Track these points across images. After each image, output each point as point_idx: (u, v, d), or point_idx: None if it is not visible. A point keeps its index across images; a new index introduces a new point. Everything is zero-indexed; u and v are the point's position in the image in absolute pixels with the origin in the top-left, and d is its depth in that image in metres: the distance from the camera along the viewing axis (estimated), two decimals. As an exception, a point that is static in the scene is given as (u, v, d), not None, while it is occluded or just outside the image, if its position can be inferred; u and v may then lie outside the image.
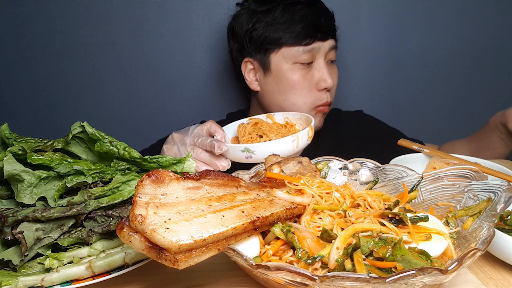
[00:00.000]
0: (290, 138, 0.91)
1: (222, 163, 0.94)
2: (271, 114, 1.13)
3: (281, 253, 0.56)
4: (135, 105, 1.60)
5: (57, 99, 1.56)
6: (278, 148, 0.90)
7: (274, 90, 1.27)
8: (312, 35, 1.19)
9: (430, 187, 0.72)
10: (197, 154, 0.95)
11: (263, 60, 1.25)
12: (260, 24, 1.22)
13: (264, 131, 1.04)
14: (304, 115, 1.09)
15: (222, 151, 0.91)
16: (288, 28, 1.19)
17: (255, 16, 1.23)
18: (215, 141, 0.92)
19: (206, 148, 0.94)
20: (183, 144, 0.99)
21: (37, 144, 0.67)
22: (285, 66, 1.23)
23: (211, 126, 0.99)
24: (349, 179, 0.81)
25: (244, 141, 1.03)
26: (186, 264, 0.47)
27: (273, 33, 1.21)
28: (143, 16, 1.50)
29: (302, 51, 1.20)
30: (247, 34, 1.25)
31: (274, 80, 1.26)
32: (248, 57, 1.29)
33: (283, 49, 1.21)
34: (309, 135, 0.96)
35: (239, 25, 1.28)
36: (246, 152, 0.91)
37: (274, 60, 1.24)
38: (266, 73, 1.27)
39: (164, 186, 0.53)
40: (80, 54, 1.52)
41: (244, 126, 1.08)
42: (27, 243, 0.58)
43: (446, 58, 1.65)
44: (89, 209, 0.63)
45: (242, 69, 1.32)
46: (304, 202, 0.61)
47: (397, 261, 0.50)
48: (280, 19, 1.20)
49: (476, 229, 0.57)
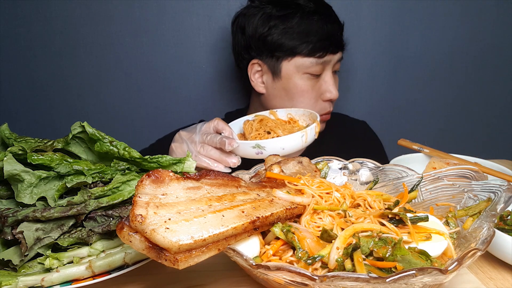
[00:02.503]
0: (299, 134, 0.93)
1: (232, 160, 0.94)
2: (273, 110, 1.14)
3: (281, 253, 0.56)
4: (135, 105, 1.60)
5: (57, 99, 1.56)
6: (288, 144, 0.92)
7: (282, 96, 1.27)
8: (326, 48, 1.19)
9: (430, 187, 0.72)
10: (207, 152, 0.96)
11: (274, 65, 1.24)
12: (276, 30, 1.20)
13: (271, 127, 1.05)
14: (307, 111, 1.11)
15: (232, 147, 0.91)
16: (304, 38, 1.18)
17: (272, 20, 1.21)
18: (225, 138, 0.92)
19: (216, 145, 0.94)
20: (192, 141, 0.99)
21: (37, 144, 0.67)
22: (296, 75, 1.23)
23: (218, 123, 0.99)
24: (349, 179, 0.81)
25: (252, 137, 1.04)
26: (186, 264, 0.47)
27: (289, 41, 1.19)
28: (143, 16, 1.50)
29: (315, 63, 1.20)
30: (261, 37, 1.23)
31: (283, 86, 1.25)
32: (257, 59, 1.27)
33: (296, 58, 1.20)
34: (316, 130, 0.98)
35: (252, 25, 1.25)
36: (257, 148, 0.93)
37: (285, 68, 1.23)
38: (275, 78, 1.26)
39: (164, 186, 0.53)
40: (80, 54, 1.52)
41: (250, 123, 1.09)
42: (27, 243, 0.58)
43: (446, 58, 1.65)
44: (89, 209, 0.62)
45: (248, 69, 1.30)
46: (304, 202, 0.61)
47: (397, 261, 0.50)
48: (297, 28, 1.19)
49: (476, 229, 0.57)
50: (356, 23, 1.58)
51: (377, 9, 1.57)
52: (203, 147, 0.96)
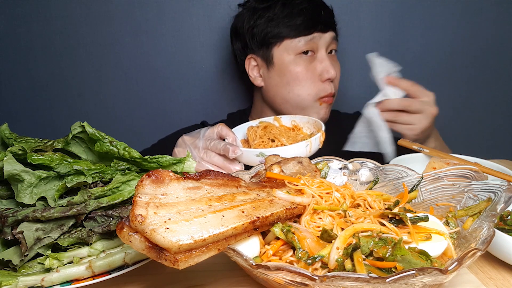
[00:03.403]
0: (303, 144, 0.93)
1: (235, 167, 0.94)
2: (278, 117, 1.14)
3: (281, 253, 0.56)
4: (135, 105, 1.60)
5: (57, 99, 1.56)
6: (292, 153, 0.91)
7: (278, 84, 1.28)
8: (313, 26, 1.21)
9: (430, 187, 0.71)
10: (210, 158, 0.95)
11: (266, 54, 1.27)
12: (261, 20, 1.24)
13: (275, 135, 1.05)
14: (312, 118, 1.11)
15: (236, 155, 0.91)
16: (288, 21, 1.21)
17: (256, 13, 1.26)
18: (229, 145, 0.92)
19: (220, 152, 0.94)
20: (195, 147, 0.98)
21: (37, 144, 0.67)
22: (287, 58, 1.24)
23: (222, 129, 0.99)
24: (349, 179, 0.81)
25: (256, 145, 1.04)
26: (186, 264, 0.47)
27: (274, 28, 1.22)
28: (143, 17, 1.50)
29: (303, 42, 1.22)
30: (249, 31, 1.27)
31: (278, 73, 1.27)
32: (251, 54, 1.31)
33: (285, 42, 1.23)
34: (320, 140, 0.98)
35: (241, 23, 1.30)
36: (261, 157, 0.93)
37: (276, 54, 1.25)
38: (269, 67, 1.28)
39: (164, 186, 0.53)
40: (80, 54, 1.52)
41: (254, 130, 1.09)
42: (27, 243, 0.58)
43: (446, 58, 1.65)
44: (89, 209, 0.63)
45: (246, 66, 1.34)
46: (304, 202, 0.61)
47: (397, 261, 0.50)
48: (281, 14, 1.22)
49: (476, 229, 0.57)
50: (356, 23, 1.58)
51: (377, 9, 1.57)
52: (206, 153, 0.96)
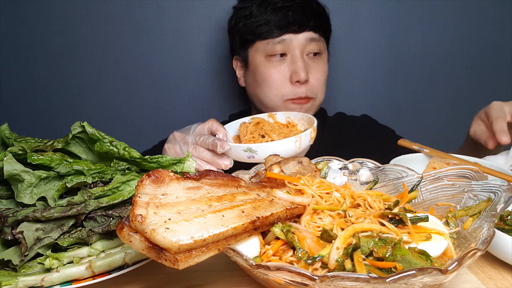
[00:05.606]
0: (292, 139, 0.91)
1: (224, 162, 0.94)
2: (273, 113, 1.13)
3: (281, 253, 0.56)
4: (135, 105, 1.60)
5: (57, 99, 1.56)
6: (281, 149, 0.90)
7: (252, 84, 1.30)
8: (283, 28, 1.19)
9: (430, 187, 0.71)
10: (199, 153, 0.95)
11: (244, 55, 1.29)
12: (241, 21, 1.25)
13: (266, 130, 1.03)
14: (306, 115, 1.09)
15: (224, 150, 0.91)
16: (262, 21, 1.21)
17: (238, 12, 1.27)
18: (217, 140, 0.92)
19: (208, 147, 0.94)
20: (185, 143, 0.98)
21: (37, 144, 0.67)
22: (258, 59, 1.25)
23: (212, 124, 0.99)
24: (349, 179, 0.81)
25: (246, 140, 1.03)
26: (186, 264, 0.47)
27: (249, 27, 1.23)
28: (143, 16, 1.50)
29: (272, 44, 1.21)
30: (231, 32, 1.30)
31: (251, 74, 1.29)
32: (236, 55, 1.33)
33: (257, 43, 1.24)
34: (311, 136, 0.95)
35: (229, 24, 1.32)
36: (248, 152, 0.91)
37: (251, 55, 1.26)
38: (246, 69, 1.31)
39: (164, 186, 0.53)
40: (80, 54, 1.52)
41: (246, 125, 1.08)
42: (27, 243, 0.58)
43: (446, 58, 1.65)
44: (89, 209, 0.62)
45: (234, 66, 1.37)
46: (304, 202, 0.61)
47: (397, 261, 0.50)
48: (256, 13, 1.22)
49: (476, 229, 0.57)
50: (356, 23, 1.58)
51: (377, 9, 1.57)
52: (195, 148, 0.96)
